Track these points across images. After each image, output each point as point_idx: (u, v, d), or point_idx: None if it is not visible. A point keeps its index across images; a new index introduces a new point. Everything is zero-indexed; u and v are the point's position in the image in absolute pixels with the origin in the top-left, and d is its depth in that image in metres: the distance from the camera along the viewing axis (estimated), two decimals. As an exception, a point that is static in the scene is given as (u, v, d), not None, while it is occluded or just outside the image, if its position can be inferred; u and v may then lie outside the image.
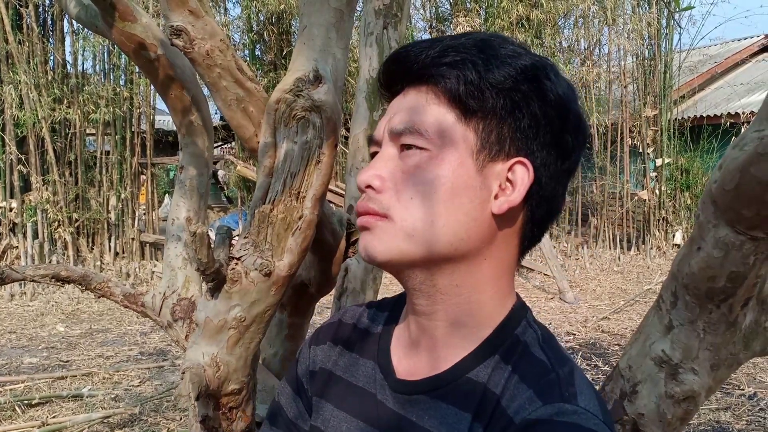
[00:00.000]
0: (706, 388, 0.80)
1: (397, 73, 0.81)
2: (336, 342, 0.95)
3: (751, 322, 0.79)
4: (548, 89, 0.76)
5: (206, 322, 0.85)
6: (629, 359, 0.84)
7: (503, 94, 0.75)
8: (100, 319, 7.37)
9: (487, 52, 0.76)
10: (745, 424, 4.34)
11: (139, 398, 4.70)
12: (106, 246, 10.06)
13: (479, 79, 0.74)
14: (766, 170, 0.63)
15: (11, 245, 9.12)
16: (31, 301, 8.14)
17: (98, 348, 6.15)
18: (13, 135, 9.13)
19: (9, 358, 5.76)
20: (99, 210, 10.02)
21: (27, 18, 9.22)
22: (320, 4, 0.86)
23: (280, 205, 0.85)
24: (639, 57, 12.58)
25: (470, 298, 0.80)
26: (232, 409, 0.91)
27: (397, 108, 0.80)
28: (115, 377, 5.24)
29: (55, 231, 9.39)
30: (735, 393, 4.91)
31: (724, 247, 0.71)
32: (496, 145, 0.76)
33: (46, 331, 6.82)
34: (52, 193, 9.34)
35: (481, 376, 0.78)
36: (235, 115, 0.94)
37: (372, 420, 0.84)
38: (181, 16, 0.88)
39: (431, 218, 0.75)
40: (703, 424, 4.32)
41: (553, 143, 0.78)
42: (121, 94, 10.05)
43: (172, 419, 4.34)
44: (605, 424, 0.70)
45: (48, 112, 9.12)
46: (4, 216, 9.16)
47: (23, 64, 8.96)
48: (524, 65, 0.76)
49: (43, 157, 9.45)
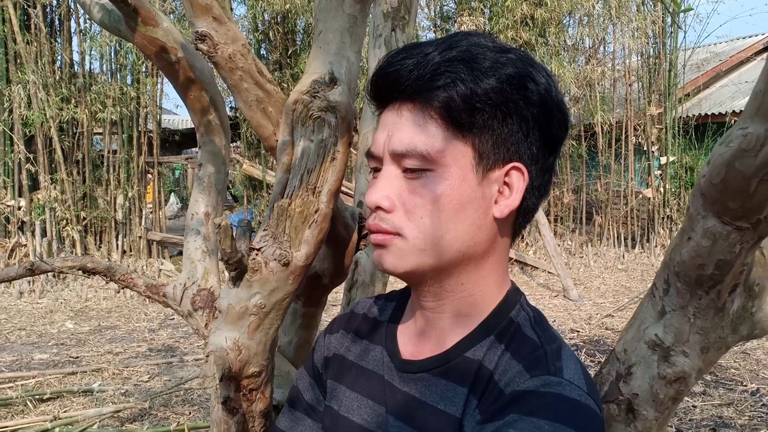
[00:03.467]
0: (696, 369, 0.85)
1: (388, 90, 0.85)
2: (348, 330, 1.02)
3: (738, 307, 0.84)
4: (533, 92, 0.82)
5: (228, 308, 0.91)
6: (624, 343, 0.90)
7: (493, 107, 0.80)
8: (109, 317, 7.44)
9: (473, 65, 0.80)
10: (747, 419, 4.37)
11: (148, 393, 4.77)
12: (113, 244, 10.14)
13: (470, 97, 0.79)
14: (749, 165, 0.69)
15: (20, 243, 9.20)
16: (40, 298, 8.21)
17: (107, 344, 6.22)
18: (22, 134, 9.20)
19: (19, 355, 5.84)
20: (106, 208, 10.09)
21: (35, 18, 9.29)
22: (335, 10, 0.92)
23: (297, 199, 0.91)
24: (644, 55, 12.56)
25: (473, 291, 0.87)
26: (252, 391, 0.97)
27: (392, 126, 0.84)
28: (124, 373, 5.31)
29: (63, 229, 9.46)
30: (738, 389, 4.94)
31: (711, 236, 0.76)
32: (492, 155, 0.82)
33: (56, 327, 6.90)
34: (60, 191, 9.41)
35: (477, 355, 0.85)
36: (255, 115, 1.00)
37: (380, 398, 0.91)
38: (206, 22, 0.94)
39: (441, 233, 0.82)
40: (706, 419, 4.35)
41: (542, 139, 0.84)
42: (128, 94, 10.11)
43: (181, 413, 4.41)
44: (588, 395, 0.77)
45: (56, 112, 9.18)
46: (12, 214, 9.24)
47: (31, 64, 9.03)
48: (508, 74, 0.81)
49: (51, 156, 9.52)
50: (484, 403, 0.80)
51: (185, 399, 4.71)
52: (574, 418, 0.74)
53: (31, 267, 1.09)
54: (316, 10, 0.93)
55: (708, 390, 4.90)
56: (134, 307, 7.91)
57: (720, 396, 4.80)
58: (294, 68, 10.83)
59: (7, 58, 9.14)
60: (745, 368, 5.46)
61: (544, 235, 8.75)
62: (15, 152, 9.19)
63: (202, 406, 4.59)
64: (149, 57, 1.18)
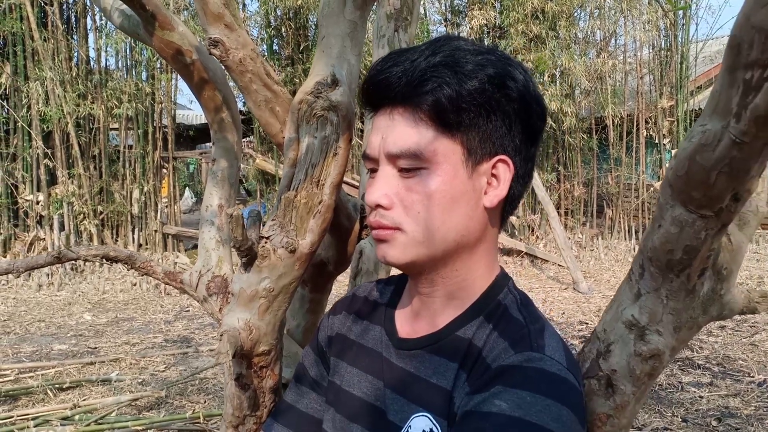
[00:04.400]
0: (669, 347, 0.93)
1: (379, 96, 0.93)
2: (350, 312, 1.10)
3: (708, 289, 0.91)
4: (512, 89, 0.89)
5: (240, 292, 0.99)
6: (604, 324, 0.97)
7: (477, 106, 0.88)
8: (125, 309, 7.58)
9: (456, 69, 0.88)
10: (753, 409, 4.41)
11: (164, 382, 4.88)
12: (129, 238, 10.28)
13: (456, 98, 0.87)
14: (708, 158, 0.76)
15: (38, 237, 9.36)
16: (59, 291, 8.37)
17: (124, 336, 6.35)
18: (40, 130, 9.35)
19: (39, 345, 5.98)
20: (122, 203, 10.23)
21: (51, 16, 9.42)
22: (337, 17, 0.99)
23: (302, 191, 0.99)
24: (655, 47, 12.52)
25: (466, 277, 0.96)
26: (263, 368, 1.05)
27: (386, 129, 0.91)
28: (141, 363, 5.43)
29: (80, 223, 9.61)
30: (745, 380, 4.96)
31: (679, 224, 0.83)
32: (480, 150, 0.89)
33: (74, 319, 7.04)
34: (77, 186, 9.55)
35: (467, 334, 0.93)
36: (264, 114, 1.08)
37: (378, 373, 0.99)
38: (218, 30, 1.02)
39: (437, 225, 0.90)
40: (712, 409, 4.40)
41: (524, 132, 0.92)
42: (143, 90, 10.23)
43: (197, 402, 4.52)
44: (568, 370, 0.85)
45: (73, 108, 9.31)
46: (31, 209, 9.40)
47: (48, 61, 9.16)
48: (489, 75, 0.88)
49: (69, 151, 9.66)
50: (473, 377, 0.88)
51: (200, 388, 4.82)
52: (553, 390, 0.82)
53: (58, 255, 1.18)
54: (320, 17, 1.01)
55: (715, 381, 4.94)
56: (150, 300, 8.05)
57: (727, 387, 4.83)
58: (306, 63, 10.90)
59: (24, 55, 9.28)
60: (753, 359, 5.48)
61: (554, 228, 8.80)
62: (33, 148, 9.34)
63: (217, 395, 4.70)
64: (166, 59, 1.26)
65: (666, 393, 4.69)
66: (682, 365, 5.30)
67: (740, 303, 0.95)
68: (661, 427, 4.11)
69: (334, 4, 0.99)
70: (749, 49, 0.67)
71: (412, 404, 0.92)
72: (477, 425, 0.81)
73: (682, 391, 4.74)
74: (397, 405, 0.94)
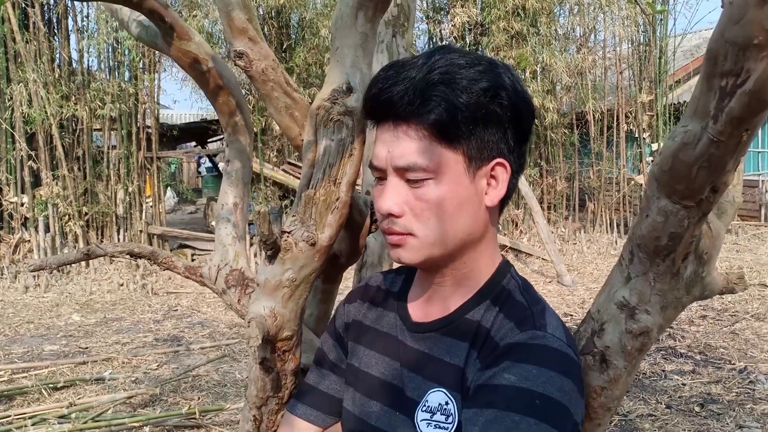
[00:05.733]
0: (657, 325, 1.03)
1: (382, 113, 1.01)
2: (364, 300, 1.20)
3: (691, 272, 1.02)
4: (504, 98, 0.99)
5: (265, 282, 1.08)
6: (598, 305, 1.07)
7: (474, 118, 0.97)
8: (113, 309, 7.60)
9: (452, 86, 0.96)
10: (734, 395, 4.54)
11: (158, 380, 4.94)
12: (115, 238, 10.27)
13: (455, 114, 0.96)
14: (689, 155, 0.86)
15: (23, 239, 9.34)
16: (45, 292, 8.37)
17: (114, 335, 6.38)
18: (23, 132, 9.33)
19: (30, 346, 6.00)
20: (107, 203, 10.22)
21: (33, 17, 9.39)
22: (349, 29, 1.08)
23: (321, 189, 1.08)
24: (634, 43, 12.69)
25: (472, 267, 1.06)
26: (285, 352, 1.14)
27: (391, 143, 1.00)
28: (133, 362, 5.48)
29: (65, 224, 9.60)
30: (726, 368, 5.10)
31: (664, 214, 0.93)
32: (479, 156, 0.99)
33: (63, 320, 7.06)
34: (62, 187, 9.53)
35: (476, 316, 1.03)
36: (284, 119, 1.17)
37: (395, 355, 1.09)
38: (242, 43, 1.11)
39: (445, 229, 1.00)
40: (695, 396, 4.53)
41: (516, 133, 1.02)
42: (126, 90, 10.22)
43: (191, 399, 4.58)
44: (568, 345, 0.96)
45: (56, 109, 9.30)
46: (16, 211, 9.37)
47: (31, 63, 9.14)
48: (483, 88, 0.97)
49: (53, 152, 9.64)
50: (483, 354, 0.98)
51: (193, 385, 4.89)
52: (556, 363, 0.93)
53: (87, 252, 1.25)
54: (333, 29, 1.10)
55: (697, 369, 5.07)
56: (138, 300, 8.08)
57: (709, 374, 4.97)
58: (289, 62, 10.93)
59: (7, 57, 9.25)
60: (734, 347, 5.63)
61: (538, 222, 8.93)
62: (17, 150, 9.31)
63: (210, 391, 4.77)
64: (183, 67, 1.34)
65: (650, 381, 4.83)
66: (665, 354, 5.44)
67: (719, 284, 1.06)
68: (645, 413, 4.24)
69: (347, 17, 1.08)
70: (724, 60, 0.77)
71: (428, 381, 1.02)
72: (489, 397, 0.91)
73: (665, 379, 4.88)
74: (414, 382, 1.04)
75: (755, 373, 4.94)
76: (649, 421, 4.10)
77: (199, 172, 25.95)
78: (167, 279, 9.16)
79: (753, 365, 5.13)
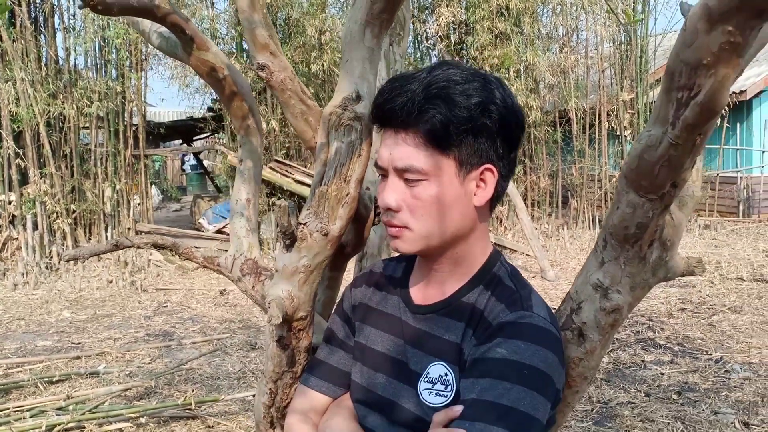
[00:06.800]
0: (627, 303, 1.18)
1: (386, 120, 1.16)
2: (369, 284, 1.35)
3: (656, 257, 1.17)
4: (494, 112, 1.13)
5: (283, 268, 1.22)
6: (576, 287, 1.23)
7: (465, 129, 1.11)
8: (103, 305, 7.67)
9: (448, 100, 1.10)
10: (710, 384, 4.71)
11: (152, 374, 5.03)
12: (102, 236, 10.34)
13: (448, 125, 1.10)
14: (652, 156, 1.01)
15: (11, 237, 9.38)
16: (35, 290, 8.42)
17: (105, 331, 6.46)
18: (10, 130, 9.37)
19: (22, 342, 6.07)
20: (95, 201, 10.28)
21: (20, 16, 9.43)
22: (357, 44, 1.22)
23: (332, 186, 1.22)
24: (615, 42, 12.92)
25: (466, 256, 1.22)
26: (300, 331, 1.28)
27: (392, 146, 1.14)
28: (126, 356, 5.57)
29: (53, 222, 9.65)
30: (703, 358, 5.26)
31: (632, 206, 1.08)
32: (469, 162, 1.14)
33: (53, 317, 7.12)
34: (49, 185, 9.59)
35: (471, 299, 1.19)
36: (299, 124, 1.31)
37: (398, 333, 1.24)
38: (264, 56, 1.25)
39: (438, 223, 1.16)
40: (673, 384, 4.69)
41: (505, 142, 1.16)
42: (113, 89, 10.28)
43: (185, 391, 4.69)
44: (551, 324, 1.12)
45: (44, 108, 9.35)
46: (3, 209, 9.41)
47: (18, 62, 9.18)
48: (475, 103, 1.11)
49: (40, 151, 9.69)
50: (478, 332, 1.14)
51: (187, 378, 5.00)
52: (540, 339, 1.08)
53: (116, 243, 1.38)
54: (343, 44, 1.24)
55: (675, 359, 5.24)
56: (127, 296, 8.15)
57: (686, 364, 5.13)
58: (276, 60, 11.01)
59: (-6, 55, 9.30)
60: (711, 339, 5.79)
61: (522, 219, 9.10)
62: (4, 148, 9.36)
63: (204, 384, 4.88)
64: (201, 75, 1.47)
65: (630, 371, 5.00)
66: (645, 345, 5.62)
67: (681, 267, 1.21)
68: (625, 401, 4.40)
69: (355, 34, 1.22)
70: (680, 77, 0.92)
71: (429, 356, 1.17)
72: (484, 368, 1.07)
73: (644, 369, 5.05)
74: (417, 357, 1.19)
75: (731, 363, 5.11)
76: (629, 408, 4.27)
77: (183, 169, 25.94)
78: (156, 276, 9.24)
79: (729, 355, 5.29)
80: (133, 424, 4.04)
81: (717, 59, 0.86)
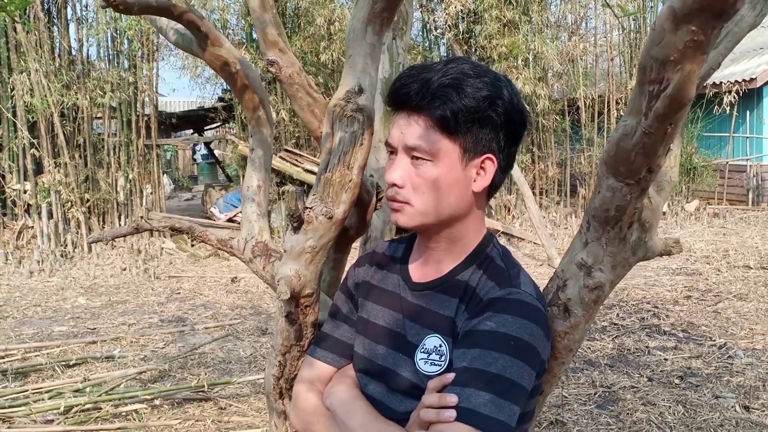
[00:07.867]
0: (609, 281, 1.28)
1: (401, 103, 1.25)
2: (372, 264, 1.45)
3: (636, 238, 1.26)
4: (500, 106, 1.22)
5: (291, 249, 1.33)
6: (562, 265, 1.32)
7: (473, 118, 1.21)
8: (117, 292, 7.82)
9: (459, 90, 1.20)
10: (713, 369, 4.77)
11: (165, 358, 5.17)
12: (116, 224, 10.48)
13: (457, 113, 1.20)
14: (628, 144, 1.10)
15: (27, 225, 9.55)
16: (50, 277, 8.58)
17: (120, 317, 6.61)
18: (25, 120, 9.52)
19: (39, 328, 6.23)
20: (108, 190, 10.43)
21: (34, 7, 9.55)
22: (360, 41, 1.32)
23: (336, 172, 1.32)
24: (625, 30, 12.91)
25: (461, 235, 1.31)
26: (306, 307, 1.38)
27: (404, 127, 1.24)
28: (141, 341, 5.71)
29: (68, 211, 9.80)
30: (707, 344, 5.32)
31: (611, 190, 1.17)
32: (473, 150, 1.24)
33: (69, 303, 7.27)
34: (63, 175, 9.73)
35: (464, 277, 1.29)
36: (306, 115, 1.41)
37: (398, 308, 1.34)
38: (274, 53, 1.35)
39: (437, 203, 1.26)
40: (676, 370, 4.76)
41: (508, 136, 1.26)
42: (126, 79, 10.41)
43: (198, 374, 4.82)
44: (537, 300, 1.22)
45: (57, 98, 9.48)
46: (19, 198, 9.57)
47: (32, 53, 9.31)
48: (484, 96, 1.21)
49: (54, 140, 9.84)
50: (470, 307, 1.23)
51: (200, 362, 5.13)
52: (527, 313, 1.18)
53: (136, 226, 1.49)
54: (347, 40, 1.34)
55: (679, 345, 5.31)
56: (141, 283, 8.30)
57: (690, 350, 5.20)
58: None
59: (8, 47, 9.42)
60: (715, 325, 5.85)
61: (530, 207, 9.16)
62: (19, 138, 9.50)
63: (216, 367, 5.01)
64: (215, 69, 1.57)
65: (634, 356, 5.08)
66: (650, 332, 5.70)
67: (659, 247, 1.31)
68: (628, 385, 4.49)
69: (358, 31, 1.31)
70: (651, 71, 1.01)
71: (426, 329, 1.28)
72: (475, 339, 1.17)
73: (648, 354, 5.12)
74: (414, 330, 1.29)
75: (734, 349, 5.17)
76: (631, 392, 4.36)
77: (194, 159, 26.09)
78: (168, 264, 9.40)
79: (733, 342, 5.35)
80: (148, 405, 4.17)
81: (683, 56, 0.95)
